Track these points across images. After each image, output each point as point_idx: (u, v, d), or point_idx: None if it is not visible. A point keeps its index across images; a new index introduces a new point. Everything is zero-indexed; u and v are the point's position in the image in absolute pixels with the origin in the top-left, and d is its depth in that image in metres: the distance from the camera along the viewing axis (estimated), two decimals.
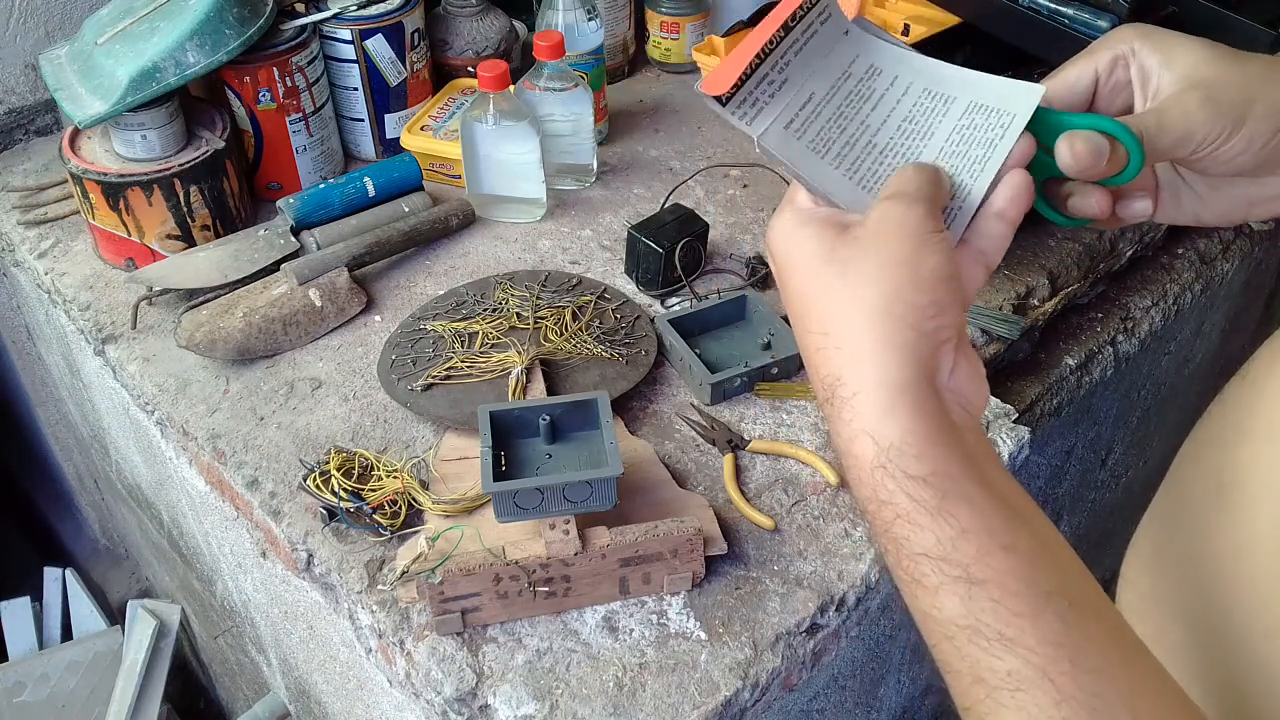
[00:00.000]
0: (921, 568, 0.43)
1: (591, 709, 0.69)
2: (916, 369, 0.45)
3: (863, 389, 0.45)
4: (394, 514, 0.78)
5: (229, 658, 1.39)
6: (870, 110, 0.54)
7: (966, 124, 0.53)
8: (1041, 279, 1.01)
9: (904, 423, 0.44)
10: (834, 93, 0.54)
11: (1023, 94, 0.52)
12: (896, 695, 1.06)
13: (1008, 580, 0.41)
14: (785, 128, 0.52)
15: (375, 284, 1.02)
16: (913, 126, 0.54)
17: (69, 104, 0.98)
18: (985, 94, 0.53)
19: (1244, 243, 1.17)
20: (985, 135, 0.52)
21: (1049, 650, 0.40)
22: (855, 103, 0.54)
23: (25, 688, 1.49)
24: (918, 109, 0.54)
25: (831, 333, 0.47)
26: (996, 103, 0.52)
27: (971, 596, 0.41)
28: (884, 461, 0.44)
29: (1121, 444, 1.23)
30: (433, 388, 0.88)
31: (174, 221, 1.01)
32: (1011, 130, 0.51)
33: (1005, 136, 0.52)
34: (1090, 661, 0.40)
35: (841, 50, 0.54)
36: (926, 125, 0.54)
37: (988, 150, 0.52)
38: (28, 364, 1.46)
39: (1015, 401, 0.93)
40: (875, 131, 0.54)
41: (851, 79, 0.55)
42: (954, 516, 0.42)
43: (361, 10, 1.10)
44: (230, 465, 0.86)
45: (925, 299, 0.45)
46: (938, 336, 0.46)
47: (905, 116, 0.54)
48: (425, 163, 1.12)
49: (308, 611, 0.90)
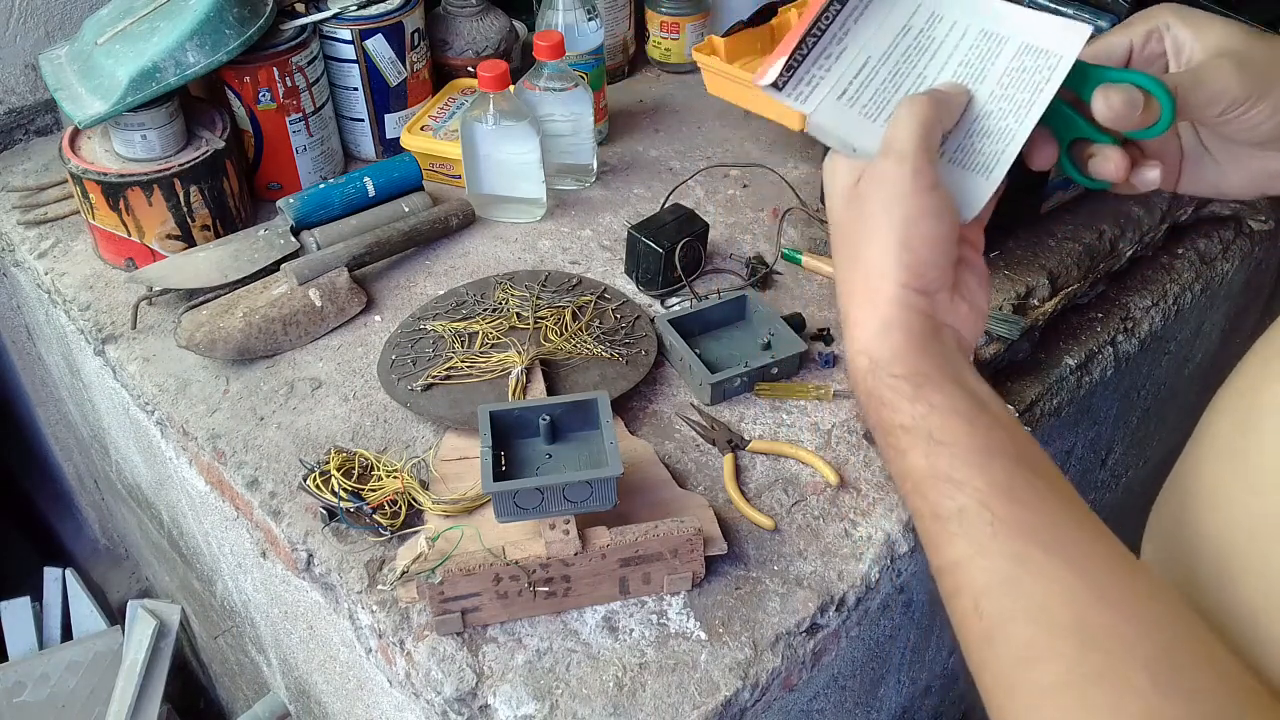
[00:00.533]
0: (898, 438, 0.51)
1: (591, 709, 0.69)
2: (906, 311, 0.52)
3: (861, 321, 0.53)
4: (394, 514, 0.78)
5: (229, 658, 1.39)
6: (928, 61, 0.55)
7: (1016, 66, 0.54)
8: (1041, 279, 1.01)
9: (894, 345, 0.52)
10: (892, 51, 0.55)
11: (1071, 34, 0.54)
12: (896, 695, 1.06)
13: (962, 440, 0.49)
14: (839, 98, 0.53)
15: (375, 284, 1.02)
16: (967, 70, 0.55)
17: (69, 104, 0.98)
18: (1037, 33, 0.54)
19: (1244, 243, 1.17)
20: (1032, 78, 0.54)
21: (991, 489, 0.47)
22: (913, 56, 0.55)
23: (25, 688, 1.49)
24: (974, 52, 0.55)
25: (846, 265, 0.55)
26: (1046, 43, 0.54)
27: (933, 452, 0.49)
28: (873, 368, 0.52)
29: (1121, 444, 1.23)
30: (433, 388, 0.88)
31: (174, 221, 1.01)
32: (1057, 74, 0.53)
33: (1051, 80, 0.53)
34: (1026, 499, 0.47)
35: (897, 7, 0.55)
36: (980, 69, 0.55)
37: (1033, 94, 0.54)
38: (28, 364, 1.46)
39: (1015, 401, 0.93)
40: (931, 82, 0.55)
41: (911, 33, 0.55)
42: (926, 400, 0.50)
43: (361, 10, 1.10)
44: (230, 465, 0.86)
45: (910, 258, 0.52)
46: (927, 289, 0.53)
47: (962, 61, 0.55)
48: (425, 163, 1.12)
49: (308, 611, 0.90)
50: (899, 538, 0.79)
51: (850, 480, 0.83)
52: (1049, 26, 0.54)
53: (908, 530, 0.80)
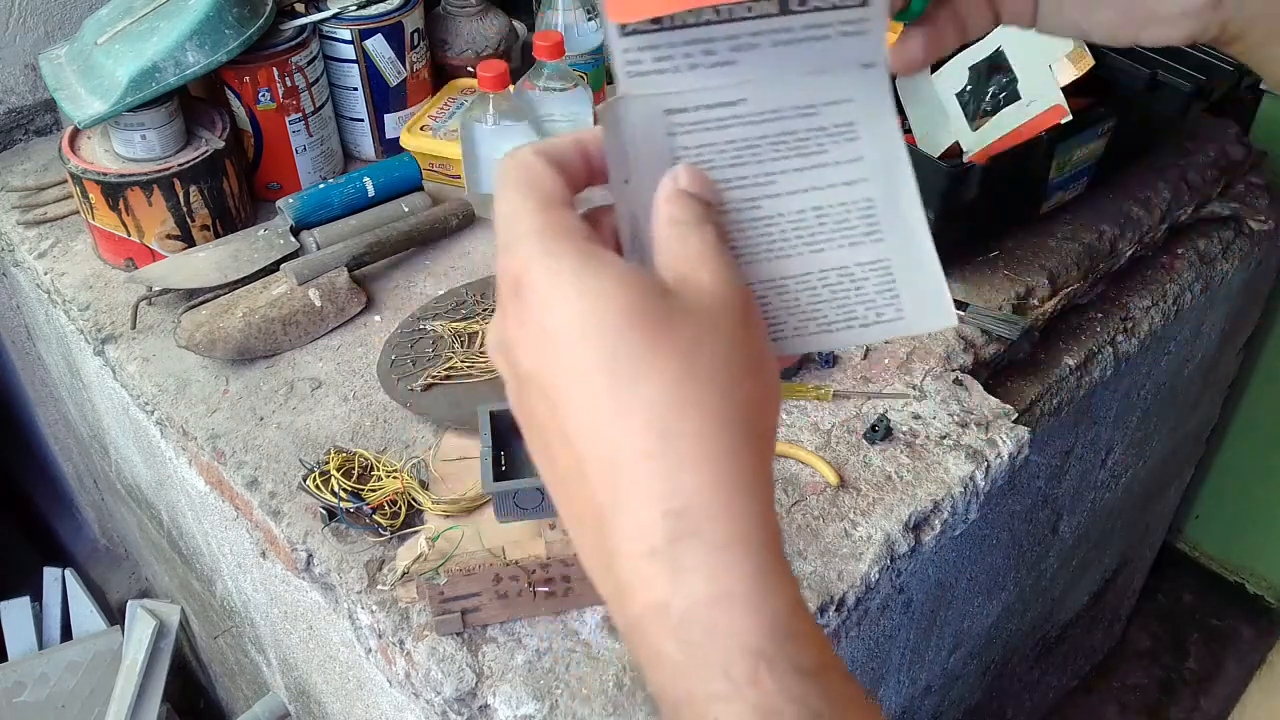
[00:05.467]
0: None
1: (591, 709, 0.69)
2: (769, 496, 0.33)
3: (738, 532, 0.31)
4: (394, 514, 0.78)
5: (229, 658, 1.39)
6: (794, 173, 0.38)
7: None
8: (1041, 279, 1.01)
9: (788, 588, 0.31)
10: (771, 119, 0.38)
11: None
12: (896, 695, 1.06)
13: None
14: (667, 113, 0.37)
15: (375, 284, 1.02)
16: (819, 231, 0.39)
17: (69, 104, 0.98)
18: None
19: (1244, 243, 1.17)
20: None
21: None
22: (784, 152, 0.38)
23: (25, 688, 1.49)
24: (845, 210, 0.39)
25: (685, 434, 0.31)
26: None
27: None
28: (769, 649, 0.30)
29: (1121, 444, 1.23)
30: (433, 388, 0.88)
31: (174, 221, 1.01)
32: None
33: None
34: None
35: (837, 81, 0.38)
36: (830, 237, 0.39)
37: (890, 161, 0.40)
38: (28, 364, 1.46)
39: (1015, 401, 0.93)
40: (775, 201, 0.38)
41: (812, 118, 0.38)
42: None
43: (361, 10, 1.10)
44: (230, 465, 0.86)
45: (773, 410, 0.34)
46: (773, 440, 0.35)
47: (822, 211, 0.39)
48: (425, 163, 1.12)
49: (307, 611, 0.90)
50: (899, 538, 0.79)
51: (850, 480, 0.83)
52: None
53: (908, 530, 0.80)
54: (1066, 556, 1.29)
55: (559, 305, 0.32)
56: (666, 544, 0.31)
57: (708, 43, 0.36)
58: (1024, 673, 1.47)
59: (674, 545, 0.31)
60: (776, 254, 0.38)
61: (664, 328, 0.32)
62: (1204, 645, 1.85)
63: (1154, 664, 1.84)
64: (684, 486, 0.31)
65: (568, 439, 0.32)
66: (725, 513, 0.31)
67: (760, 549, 0.31)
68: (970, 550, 0.99)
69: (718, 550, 0.31)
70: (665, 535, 0.31)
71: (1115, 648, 1.83)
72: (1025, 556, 1.16)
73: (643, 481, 0.31)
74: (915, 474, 0.83)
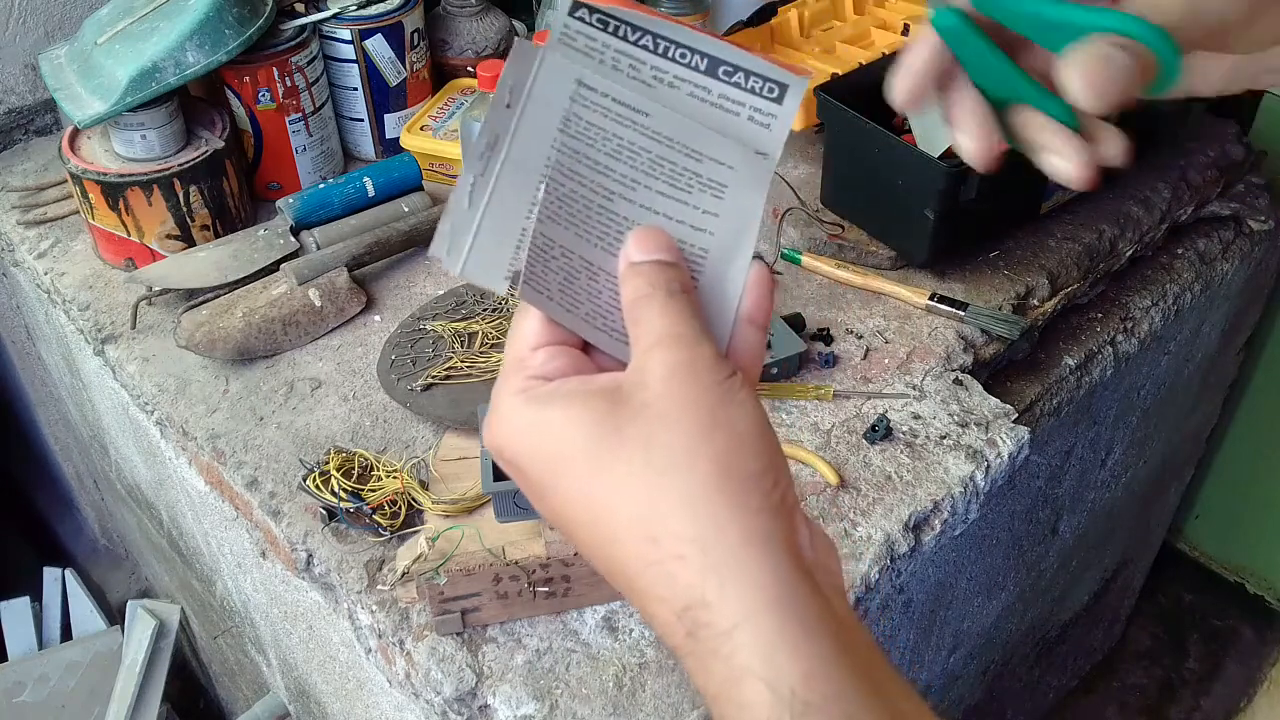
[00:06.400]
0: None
1: (591, 709, 0.69)
2: (787, 562, 0.34)
3: (743, 613, 0.33)
4: (394, 514, 0.78)
5: (229, 658, 1.39)
6: (656, 194, 0.40)
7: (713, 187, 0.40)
8: (1041, 279, 1.01)
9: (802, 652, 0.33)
10: (661, 142, 0.40)
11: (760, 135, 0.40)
12: None
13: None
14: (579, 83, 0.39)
15: (375, 284, 1.02)
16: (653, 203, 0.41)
17: (69, 104, 0.98)
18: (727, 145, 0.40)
19: (1244, 243, 1.17)
20: None
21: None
22: (658, 173, 0.40)
23: (25, 688, 1.49)
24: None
25: (664, 537, 0.34)
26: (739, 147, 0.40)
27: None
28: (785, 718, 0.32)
29: (1121, 444, 1.23)
30: (433, 388, 0.88)
31: (174, 221, 1.01)
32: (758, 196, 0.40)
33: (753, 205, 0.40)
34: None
35: (729, 148, 0.40)
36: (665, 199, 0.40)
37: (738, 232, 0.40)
38: (28, 364, 1.46)
39: (1015, 401, 0.93)
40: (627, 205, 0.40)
41: (695, 162, 0.40)
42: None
43: (361, 10, 1.10)
44: (230, 465, 0.86)
45: (758, 465, 0.35)
46: (786, 506, 0.35)
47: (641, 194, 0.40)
48: (425, 163, 1.12)
49: (307, 612, 0.90)
50: (898, 538, 0.79)
51: (850, 480, 0.83)
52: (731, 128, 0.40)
53: (907, 530, 0.80)
54: (1066, 556, 1.29)
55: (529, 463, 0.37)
56: (686, 639, 0.34)
57: (636, 63, 0.40)
58: (1024, 673, 1.47)
59: (693, 640, 0.34)
60: (595, 240, 0.40)
61: (615, 441, 0.35)
62: (1204, 645, 1.85)
63: (1154, 664, 1.84)
64: (682, 584, 0.34)
65: (579, 547, 0.38)
66: (727, 598, 0.33)
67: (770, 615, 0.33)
68: (970, 550, 0.99)
69: (724, 637, 0.33)
70: (684, 632, 0.34)
71: (1115, 648, 1.83)
72: (1025, 556, 1.16)
73: (652, 590, 0.35)
74: (915, 474, 0.83)
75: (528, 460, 0.37)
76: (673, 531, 0.34)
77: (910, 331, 0.96)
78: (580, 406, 0.36)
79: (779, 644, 0.33)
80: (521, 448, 0.37)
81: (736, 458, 0.35)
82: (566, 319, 0.40)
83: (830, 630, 0.34)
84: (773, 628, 0.33)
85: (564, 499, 0.37)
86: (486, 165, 0.39)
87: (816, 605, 0.34)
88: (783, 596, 0.33)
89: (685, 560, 0.34)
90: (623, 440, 0.35)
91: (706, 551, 0.34)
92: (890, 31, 1.18)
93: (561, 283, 0.40)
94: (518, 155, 0.40)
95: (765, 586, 0.33)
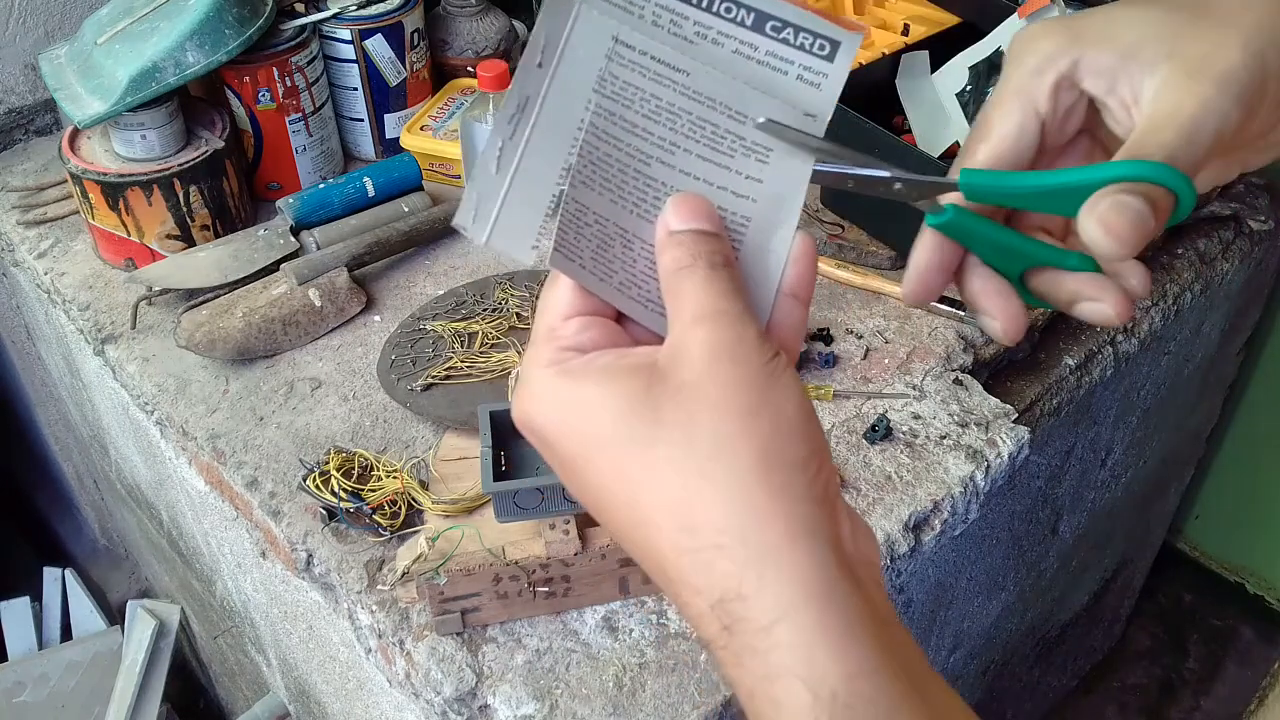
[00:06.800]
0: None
1: (591, 709, 0.69)
2: (830, 555, 0.33)
3: (783, 609, 0.32)
4: (394, 514, 0.78)
5: (229, 658, 1.39)
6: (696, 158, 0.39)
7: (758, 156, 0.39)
8: None
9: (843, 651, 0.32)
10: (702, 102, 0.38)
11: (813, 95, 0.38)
12: None
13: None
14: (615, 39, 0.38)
15: (375, 284, 1.02)
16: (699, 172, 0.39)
17: (69, 104, 0.98)
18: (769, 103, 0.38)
19: (1244, 243, 1.17)
20: None
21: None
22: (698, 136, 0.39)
23: (25, 688, 1.49)
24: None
25: (702, 526, 0.33)
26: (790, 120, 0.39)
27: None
28: None
29: (1121, 444, 1.23)
30: (433, 388, 0.88)
31: (174, 221, 1.01)
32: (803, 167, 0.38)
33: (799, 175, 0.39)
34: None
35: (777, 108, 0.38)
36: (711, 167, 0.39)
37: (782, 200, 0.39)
38: (28, 364, 1.46)
39: (1015, 401, 0.93)
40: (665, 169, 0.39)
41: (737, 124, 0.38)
42: None
43: (361, 10, 1.10)
44: (230, 465, 0.86)
45: (802, 452, 0.34)
46: (829, 496, 0.34)
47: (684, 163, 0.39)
48: (425, 163, 1.12)
49: (307, 611, 0.90)
50: (898, 538, 0.79)
51: (850, 480, 0.83)
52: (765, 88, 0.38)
53: (907, 530, 0.80)
54: (1066, 556, 1.29)
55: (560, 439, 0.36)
56: (721, 633, 0.33)
57: (678, 18, 0.37)
58: (1024, 673, 1.47)
59: (729, 634, 0.33)
60: (631, 207, 0.39)
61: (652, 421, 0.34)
62: (1204, 645, 1.85)
63: (1154, 664, 1.84)
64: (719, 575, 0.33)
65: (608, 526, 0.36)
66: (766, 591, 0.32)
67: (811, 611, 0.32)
68: (970, 550, 0.99)
69: (762, 633, 0.32)
70: (719, 625, 0.33)
71: (1115, 648, 1.83)
72: (1025, 556, 1.16)
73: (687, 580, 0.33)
74: (915, 474, 0.83)
75: (558, 437, 0.36)
76: (711, 521, 0.33)
77: (910, 331, 0.96)
78: (616, 383, 0.35)
79: (819, 642, 0.32)
80: (552, 423, 0.36)
81: (780, 444, 0.33)
82: (599, 288, 0.38)
83: (871, 629, 0.32)
84: (813, 625, 0.32)
85: (596, 478, 0.35)
86: (515, 128, 0.38)
87: (858, 601, 0.33)
88: (824, 592, 0.32)
89: (723, 550, 0.32)
90: (661, 421, 0.34)
91: (746, 543, 0.32)
92: (890, 31, 1.17)
93: (595, 250, 0.38)
94: (549, 118, 0.38)
95: (806, 581, 0.32)
